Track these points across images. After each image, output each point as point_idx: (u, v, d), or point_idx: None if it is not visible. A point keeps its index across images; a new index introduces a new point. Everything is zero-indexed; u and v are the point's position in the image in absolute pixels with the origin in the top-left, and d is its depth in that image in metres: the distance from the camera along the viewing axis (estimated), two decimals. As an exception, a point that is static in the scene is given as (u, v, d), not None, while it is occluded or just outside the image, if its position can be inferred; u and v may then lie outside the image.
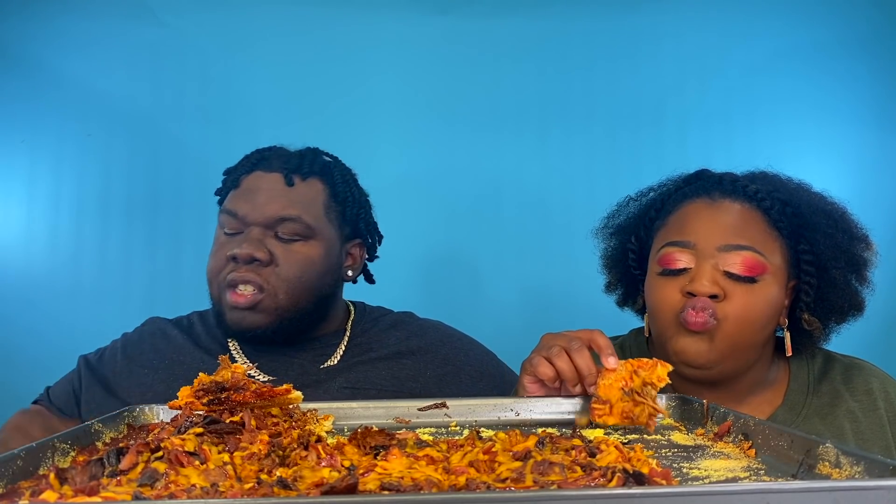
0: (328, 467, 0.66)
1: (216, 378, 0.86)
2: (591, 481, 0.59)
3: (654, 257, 1.19)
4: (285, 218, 1.29)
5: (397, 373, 1.35)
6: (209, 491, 0.59)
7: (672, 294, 1.14)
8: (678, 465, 0.76)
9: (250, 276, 1.26)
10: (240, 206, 1.30)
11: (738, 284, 1.12)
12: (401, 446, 0.73)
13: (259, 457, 0.68)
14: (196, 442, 0.69)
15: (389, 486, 0.59)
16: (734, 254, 1.13)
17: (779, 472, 0.72)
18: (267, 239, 1.28)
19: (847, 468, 0.65)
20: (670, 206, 1.23)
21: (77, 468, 0.64)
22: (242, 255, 1.26)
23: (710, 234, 1.14)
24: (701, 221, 1.16)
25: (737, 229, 1.14)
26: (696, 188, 1.22)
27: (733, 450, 0.81)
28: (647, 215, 1.26)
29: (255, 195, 1.30)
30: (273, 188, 1.31)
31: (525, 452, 0.67)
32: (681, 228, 1.17)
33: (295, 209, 1.30)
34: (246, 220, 1.29)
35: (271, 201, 1.29)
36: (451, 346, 1.42)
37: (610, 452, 0.68)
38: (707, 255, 1.13)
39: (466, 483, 0.60)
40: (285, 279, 1.28)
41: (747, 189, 1.18)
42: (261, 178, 1.33)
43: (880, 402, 1.23)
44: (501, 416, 1.01)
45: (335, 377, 1.33)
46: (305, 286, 1.30)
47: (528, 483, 0.59)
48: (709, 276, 1.11)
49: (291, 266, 1.28)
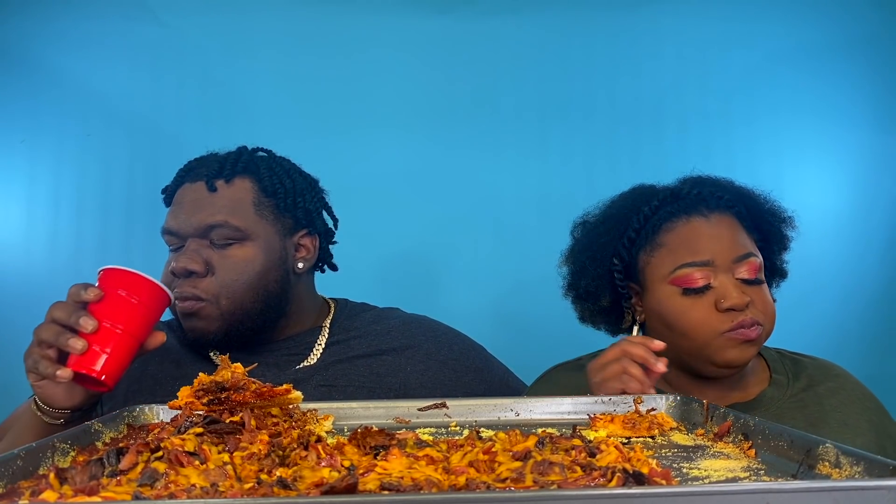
0: (328, 467, 0.66)
1: (216, 378, 0.86)
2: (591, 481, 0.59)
3: (666, 279, 1.29)
4: (213, 225, 1.29)
5: (377, 369, 1.34)
6: (209, 491, 0.59)
7: (706, 313, 1.25)
8: (678, 465, 0.76)
9: (188, 289, 1.27)
10: (171, 221, 1.32)
11: (752, 288, 1.26)
12: (401, 446, 0.73)
13: (259, 457, 0.68)
14: (196, 442, 0.69)
15: (389, 486, 0.59)
16: (744, 262, 1.26)
17: (779, 472, 0.72)
18: (203, 249, 1.29)
19: (847, 468, 0.65)
20: (654, 225, 1.32)
21: (77, 468, 0.64)
22: (178, 270, 1.27)
23: (723, 250, 1.27)
24: (709, 239, 1.28)
25: (737, 241, 1.29)
26: (684, 206, 1.32)
27: (733, 450, 0.81)
28: (624, 235, 1.35)
29: (183, 208, 1.32)
30: (197, 198, 1.31)
31: (525, 452, 0.67)
32: (691, 249, 1.28)
33: (221, 214, 1.29)
34: (181, 234, 1.31)
35: (197, 211, 1.30)
36: (435, 341, 1.40)
37: (610, 452, 0.68)
38: (725, 269, 1.26)
39: (466, 483, 0.60)
40: (223, 285, 1.28)
41: (723, 200, 1.32)
42: (187, 190, 1.34)
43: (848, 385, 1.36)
44: (501, 416, 1.01)
45: (311, 376, 1.32)
46: (246, 288, 1.29)
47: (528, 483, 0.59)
48: (737, 288, 1.24)
49: (228, 271, 1.28)
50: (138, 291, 1.09)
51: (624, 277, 1.36)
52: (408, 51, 2.17)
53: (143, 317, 1.09)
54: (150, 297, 1.10)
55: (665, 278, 1.28)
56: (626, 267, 1.36)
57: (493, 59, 2.19)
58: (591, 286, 1.39)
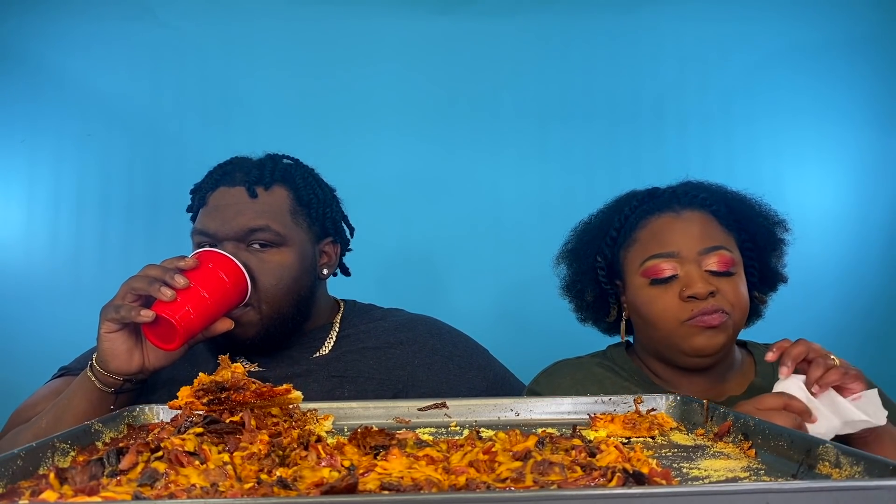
0: (328, 467, 0.66)
1: (216, 378, 0.86)
2: (591, 481, 0.59)
3: (637, 271, 1.33)
4: (255, 228, 1.31)
5: (385, 362, 1.37)
6: (209, 491, 0.59)
7: (670, 302, 1.28)
8: (678, 465, 0.76)
9: None
10: (209, 224, 1.32)
11: (720, 279, 1.29)
12: (401, 446, 0.73)
13: (259, 457, 0.68)
14: (196, 442, 0.69)
15: (389, 486, 0.59)
16: (712, 255, 1.29)
17: (779, 472, 0.72)
18: (241, 252, 1.30)
19: (847, 468, 0.65)
20: (631, 224, 1.38)
21: (77, 468, 0.64)
22: None
23: (689, 242, 1.30)
24: (676, 233, 1.32)
25: (707, 234, 1.32)
26: (656, 205, 1.37)
27: (733, 450, 0.81)
28: (606, 235, 1.40)
29: (222, 211, 1.32)
30: (238, 202, 1.33)
31: (525, 452, 0.67)
32: (659, 241, 1.32)
33: (262, 219, 1.31)
34: (218, 237, 1.31)
35: (237, 215, 1.31)
36: (440, 338, 1.43)
37: (610, 452, 0.68)
38: (690, 259, 1.29)
39: (466, 483, 0.60)
40: (264, 290, 1.29)
41: (698, 198, 1.36)
42: (226, 193, 1.34)
43: None
44: (501, 416, 1.01)
45: (324, 367, 1.35)
46: (284, 292, 1.32)
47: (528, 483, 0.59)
48: (701, 277, 1.27)
49: (267, 276, 1.30)
50: (229, 273, 1.20)
51: (607, 275, 1.41)
52: (408, 51, 2.17)
53: (227, 294, 1.19)
54: (237, 281, 1.21)
55: (637, 271, 1.33)
56: (609, 265, 1.40)
57: (493, 59, 2.19)
58: (578, 283, 1.44)
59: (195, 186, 1.42)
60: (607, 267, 1.40)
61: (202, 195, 1.37)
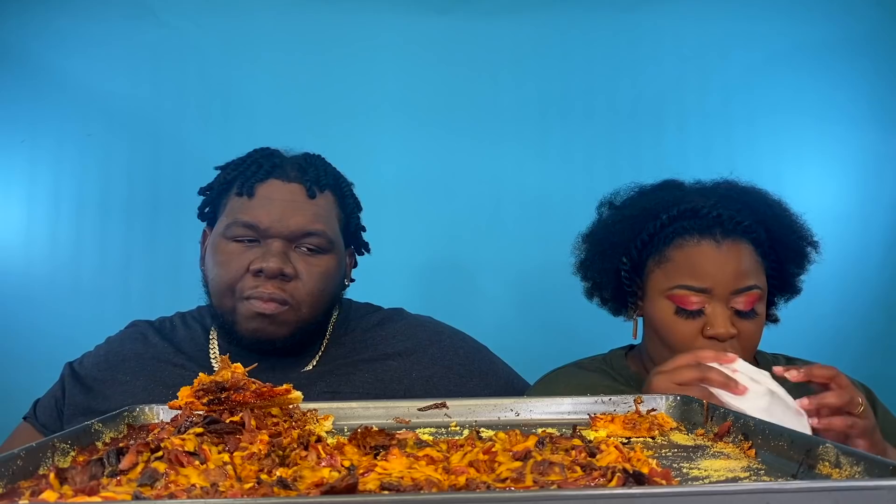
0: (328, 467, 0.66)
1: (216, 378, 0.86)
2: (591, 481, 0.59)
3: (663, 293, 1.31)
4: (311, 232, 1.27)
5: (381, 375, 1.33)
6: (209, 491, 0.59)
7: (691, 335, 1.28)
8: (678, 465, 0.76)
9: (277, 292, 1.24)
10: (261, 217, 1.26)
11: (743, 321, 1.28)
12: (401, 446, 0.73)
13: (259, 457, 0.68)
14: (196, 442, 0.68)
15: (389, 486, 0.59)
16: (742, 295, 1.27)
17: (779, 472, 0.72)
18: (289, 252, 1.26)
19: (847, 468, 0.65)
20: (667, 237, 1.33)
21: (77, 468, 0.64)
22: (271, 270, 1.23)
23: (724, 280, 1.27)
24: (713, 267, 1.28)
25: (742, 272, 1.28)
26: (696, 226, 1.31)
27: (733, 450, 0.81)
28: (637, 237, 1.36)
29: (278, 206, 1.27)
30: (295, 200, 1.28)
31: (525, 452, 0.67)
32: (693, 273, 1.29)
33: (319, 223, 1.28)
34: (268, 233, 1.26)
35: (296, 214, 1.27)
36: (440, 346, 1.39)
37: (610, 452, 0.67)
38: (722, 299, 1.27)
39: (466, 483, 0.60)
40: (309, 293, 1.27)
41: (741, 226, 1.31)
42: (280, 187, 1.29)
43: None
44: (501, 416, 1.00)
45: (316, 381, 1.30)
46: (324, 298, 1.30)
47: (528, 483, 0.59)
48: (727, 320, 1.26)
49: (315, 279, 1.27)
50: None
51: (630, 274, 1.38)
52: (408, 51, 2.17)
53: None
54: None
55: (664, 292, 1.31)
56: (634, 267, 1.38)
57: (493, 58, 2.19)
58: (598, 277, 1.42)
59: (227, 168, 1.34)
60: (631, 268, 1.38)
61: (248, 185, 1.29)
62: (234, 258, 1.27)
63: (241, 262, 1.26)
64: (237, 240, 1.27)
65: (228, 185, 1.33)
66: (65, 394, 1.37)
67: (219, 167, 1.38)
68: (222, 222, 1.31)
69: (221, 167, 1.37)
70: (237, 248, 1.27)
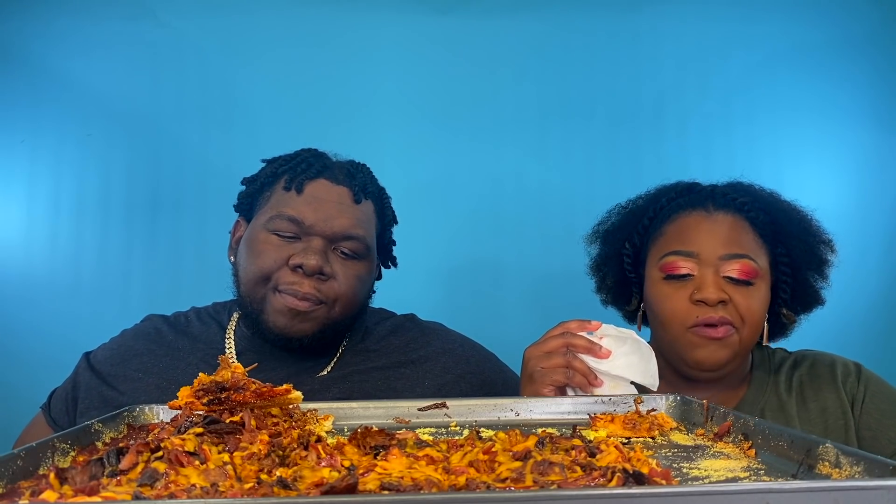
0: (328, 467, 0.66)
1: (216, 378, 0.86)
2: (591, 481, 0.59)
3: (656, 264, 1.30)
4: (352, 236, 1.28)
5: (393, 383, 1.34)
6: (209, 491, 0.59)
7: (680, 302, 1.26)
8: (678, 465, 0.76)
9: (312, 292, 1.24)
10: (307, 214, 1.27)
11: (737, 288, 1.24)
12: (401, 446, 0.73)
13: (259, 457, 0.68)
14: (196, 442, 0.68)
15: (389, 486, 0.59)
16: (733, 262, 1.25)
17: (779, 472, 0.72)
18: (328, 252, 1.27)
19: (847, 468, 0.65)
20: (664, 215, 1.34)
21: (77, 468, 0.64)
22: (312, 267, 1.23)
23: (712, 245, 1.26)
24: (701, 233, 1.28)
25: (733, 240, 1.27)
26: (690, 200, 1.33)
27: (733, 450, 0.81)
28: (639, 223, 1.37)
29: (325, 206, 1.28)
30: (342, 203, 1.29)
31: (525, 452, 0.67)
32: (682, 239, 1.28)
33: (361, 228, 1.30)
34: (311, 230, 1.27)
35: (341, 216, 1.28)
36: (453, 354, 1.40)
37: (610, 452, 0.68)
38: (709, 263, 1.25)
39: (466, 483, 0.60)
40: (342, 294, 1.28)
41: (736, 201, 1.31)
42: (329, 188, 1.30)
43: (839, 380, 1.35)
44: (501, 416, 1.01)
45: (329, 387, 1.31)
46: (356, 302, 1.31)
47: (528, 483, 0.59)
48: (714, 283, 1.23)
49: (350, 282, 1.28)
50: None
51: (633, 263, 1.38)
52: (408, 51, 2.17)
53: None
54: None
55: (656, 264, 1.30)
56: (636, 253, 1.38)
57: (493, 58, 2.19)
58: (603, 265, 1.43)
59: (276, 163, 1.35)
60: (634, 255, 1.38)
61: (298, 181, 1.30)
62: (272, 250, 1.27)
63: (280, 255, 1.26)
64: (278, 233, 1.28)
65: (275, 178, 1.34)
66: (80, 385, 1.36)
67: (266, 160, 1.39)
68: (264, 214, 1.31)
69: (269, 160, 1.38)
70: (277, 240, 1.28)
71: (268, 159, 1.39)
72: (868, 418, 1.30)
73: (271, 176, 1.35)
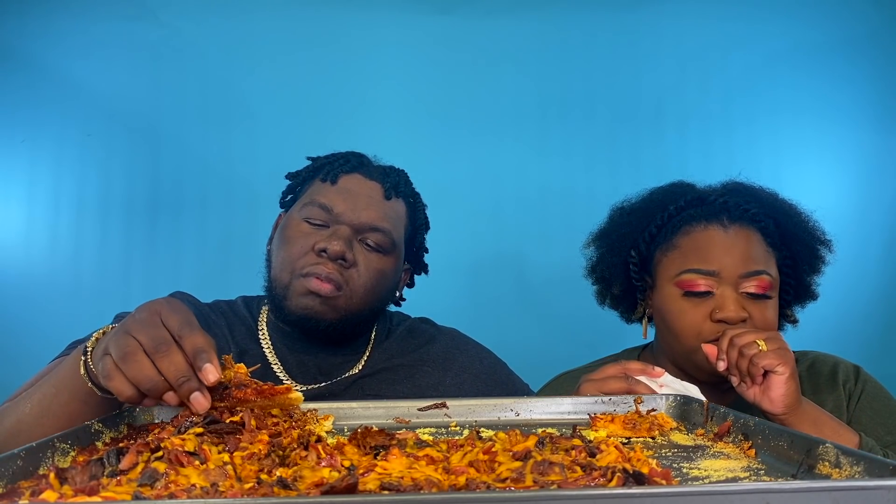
0: (328, 467, 0.66)
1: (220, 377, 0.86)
2: (591, 481, 0.59)
3: (672, 279, 1.30)
4: (378, 228, 1.32)
5: (418, 381, 1.36)
6: (209, 491, 0.59)
7: (699, 319, 1.27)
8: (678, 465, 0.76)
9: (335, 274, 1.27)
10: (337, 202, 1.31)
11: (755, 303, 1.26)
12: (401, 446, 0.73)
13: (259, 457, 0.68)
14: (196, 442, 0.69)
15: (389, 486, 0.59)
16: (752, 279, 1.26)
17: (779, 472, 0.72)
18: (353, 241, 1.30)
19: (847, 468, 0.65)
20: (674, 226, 1.34)
21: (77, 468, 0.64)
22: (335, 251, 1.26)
23: (732, 264, 1.27)
24: (720, 250, 1.28)
25: (752, 257, 1.28)
26: (704, 213, 1.33)
27: (733, 450, 0.81)
28: (646, 230, 1.37)
29: (355, 197, 1.32)
30: (372, 196, 1.34)
31: (525, 452, 0.67)
32: (701, 256, 1.29)
33: (388, 223, 1.33)
34: (339, 219, 1.30)
35: (369, 208, 1.32)
36: (468, 355, 1.43)
37: (610, 452, 0.67)
38: (730, 282, 1.26)
39: (466, 483, 0.60)
40: (363, 284, 1.30)
41: (748, 213, 1.32)
42: (362, 182, 1.35)
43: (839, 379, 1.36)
44: (501, 416, 1.00)
45: (361, 387, 1.34)
46: (375, 296, 1.33)
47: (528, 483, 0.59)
48: (735, 302, 1.25)
49: (371, 272, 1.31)
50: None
51: (639, 270, 1.38)
52: (409, 50, 2.17)
53: None
54: None
55: (672, 279, 1.30)
56: (643, 260, 1.38)
57: (493, 58, 2.19)
58: (607, 272, 1.42)
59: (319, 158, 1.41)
60: (640, 263, 1.38)
61: (333, 172, 1.35)
62: (301, 237, 1.31)
63: (307, 241, 1.30)
64: (308, 221, 1.32)
65: (315, 173, 1.39)
66: None
67: (311, 157, 1.44)
68: (300, 203, 1.36)
69: (314, 158, 1.43)
70: (307, 228, 1.32)
71: (312, 157, 1.44)
72: (860, 414, 1.32)
73: (312, 171, 1.40)
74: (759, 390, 1.13)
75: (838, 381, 1.35)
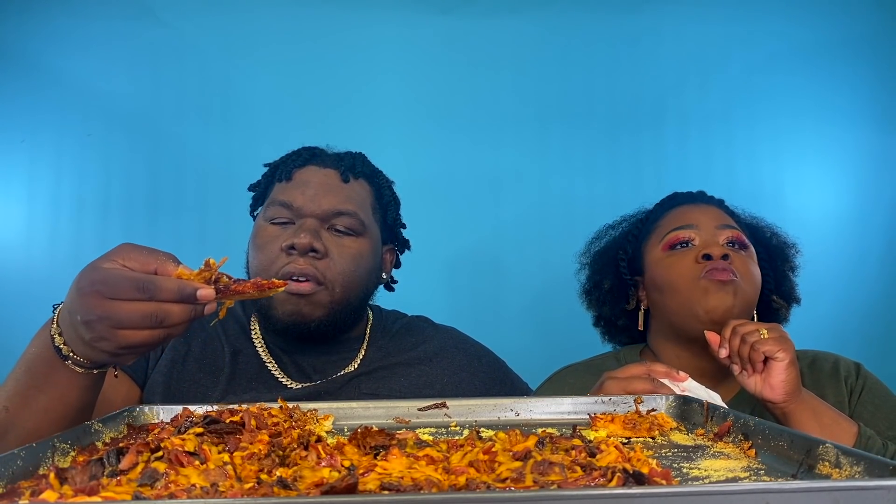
0: (328, 467, 0.66)
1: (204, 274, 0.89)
2: (591, 481, 0.59)
3: (658, 246, 1.42)
4: (342, 212, 1.31)
5: (415, 380, 1.35)
6: (209, 491, 0.59)
7: (687, 264, 1.37)
8: (678, 465, 0.76)
9: (309, 269, 1.26)
10: (295, 197, 1.31)
11: (735, 252, 1.38)
12: (401, 446, 0.73)
13: (259, 457, 0.68)
14: (196, 442, 0.69)
15: (389, 486, 0.59)
16: (728, 230, 1.40)
17: (779, 472, 0.72)
18: (321, 231, 1.29)
19: (847, 468, 0.65)
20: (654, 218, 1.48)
21: (77, 468, 0.64)
22: (302, 245, 1.25)
23: (707, 219, 1.41)
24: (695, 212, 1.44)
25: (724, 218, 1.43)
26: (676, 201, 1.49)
27: (733, 450, 0.81)
28: (630, 233, 1.51)
29: (312, 188, 1.32)
30: (329, 183, 1.33)
31: (525, 452, 0.67)
32: (680, 218, 1.43)
33: (351, 204, 1.32)
34: (301, 212, 1.30)
35: (328, 194, 1.31)
36: (466, 353, 1.42)
37: (610, 452, 0.67)
38: (709, 230, 1.40)
39: (466, 483, 0.60)
40: (340, 272, 1.29)
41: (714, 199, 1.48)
42: (316, 172, 1.35)
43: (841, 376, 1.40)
44: (501, 416, 1.01)
45: (358, 385, 1.33)
46: (357, 281, 1.32)
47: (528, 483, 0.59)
48: (717, 244, 1.38)
49: (345, 259, 1.30)
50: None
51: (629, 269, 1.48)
52: (408, 51, 2.17)
53: None
54: None
55: (658, 247, 1.42)
56: (631, 260, 1.48)
57: (493, 59, 2.19)
58: (597, 275, 1.52)
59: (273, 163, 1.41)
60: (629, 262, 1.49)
61: (287, 169, 1.35)
62: (270, 240, 1.30)
63: (276, 243, 1.29)
64: (274, 222, 1.31)
65: (272, 177, 1.39)
66: None
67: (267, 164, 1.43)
68: (263, 208, 1.36)
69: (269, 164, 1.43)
70: (274, 230, 1.31)
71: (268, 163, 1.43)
72: (862, 409, 1.34)
73: (269, 176, 1.40)
74: (760, 379, 1.16)
75: (840, 377, 1.38)
